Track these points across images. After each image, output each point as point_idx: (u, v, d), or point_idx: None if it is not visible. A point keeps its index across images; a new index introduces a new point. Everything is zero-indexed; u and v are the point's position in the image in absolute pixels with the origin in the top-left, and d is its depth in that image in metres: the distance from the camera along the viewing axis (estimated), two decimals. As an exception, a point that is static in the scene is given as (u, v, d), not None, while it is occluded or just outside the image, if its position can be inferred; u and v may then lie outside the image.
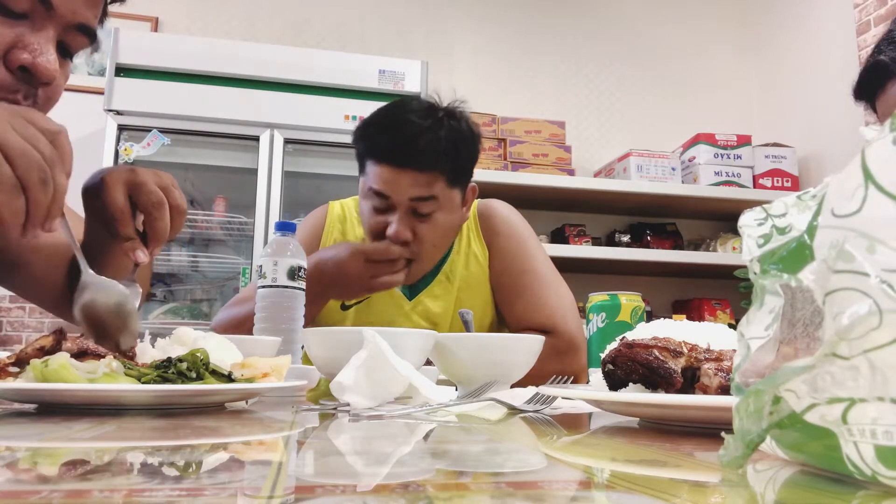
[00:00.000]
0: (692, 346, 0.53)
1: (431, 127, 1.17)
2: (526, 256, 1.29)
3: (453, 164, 1.18)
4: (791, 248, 0.32)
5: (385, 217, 1.18)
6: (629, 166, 2.98)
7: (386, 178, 1.16)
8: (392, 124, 1.18)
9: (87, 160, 2.76)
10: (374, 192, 1.18)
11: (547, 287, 1.27)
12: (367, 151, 1.20)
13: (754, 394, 0.28)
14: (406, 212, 1.17)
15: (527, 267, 1.28)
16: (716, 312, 3.12)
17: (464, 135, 1.21)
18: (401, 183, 1.16)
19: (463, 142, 1.20)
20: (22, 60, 0.68)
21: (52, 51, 0.70)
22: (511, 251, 1.30)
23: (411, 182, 1.16)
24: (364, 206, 1.23)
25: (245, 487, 0.29)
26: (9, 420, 0.51)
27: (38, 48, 0.69)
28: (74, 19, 0.72)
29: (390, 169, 1.16)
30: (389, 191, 1.17)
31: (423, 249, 1.20)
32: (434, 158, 1.16)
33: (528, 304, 1.26)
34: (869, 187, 0.26)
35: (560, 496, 0.28)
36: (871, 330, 0.24)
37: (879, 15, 2.73)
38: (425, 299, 1.29)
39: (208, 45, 2.70)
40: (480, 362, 0.82)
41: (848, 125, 2.86)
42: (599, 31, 3.53)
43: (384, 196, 1.17)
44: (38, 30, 0.70)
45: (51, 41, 0.71)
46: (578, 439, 0.49)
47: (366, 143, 1.21)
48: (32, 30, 0.69)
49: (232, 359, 0.68)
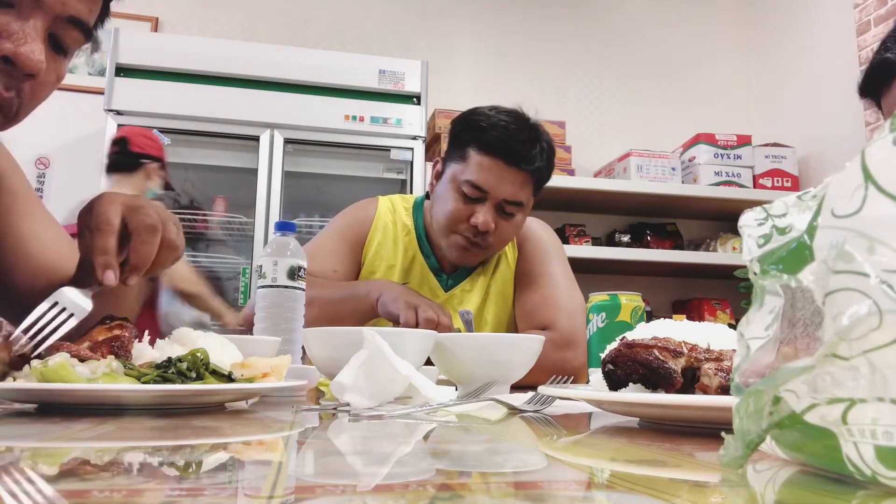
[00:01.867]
0: (692, 346, 0.53)
1: (537, 136, 1.27)
2: (547, 261, 1.38)
3: (545, 174, 1.30)
4: (791, 248, 0.32)
5: (472, 206, 1.25)
6: (629, 166, 2.98)
7: (491, 172, 1.23)
8: (507, 123, 1.24)
9: (87, 160, 2.77)
10: (472, 183, 1.23)
11: (558, 289, 1.34)
12: (477, 141, 1.24)
13: (754, 394, 0.28)
14: (494, 207, 1.25)
15: (545, 270, 1.36)
16: (716, 312, 3.12)
17: (553, 149, 1.31)
18: (504, 180, 1.23)
19: (553, 155, 1.31)
20: (4, 50, 0.64)
21: (38, 42, 0.66)
22: (536, 256, 1.39)
23: (512, 181, 1.24)
24: (450, 193, 1.27)
25: (245, 487, 0.29)
26: (9, 420, 0.51)
27: (22, 37, 0.65)
28: (65, 11, 0.68)
29: (498, 164, 1.23)
30: (489, 186, 1.23)
31: (496, 244, 1.30)
32: (537, 165, 1.25)
33: (537, 301, 1.32)
34: (869, 187, 0.26)
35: (560, 496, 0.28)
36: (871, 330, 0.24)
37: (879, 15, 2.73)
38: (459, 293, 1.37)
39: (208, 45, 2.70)
40: (480, 362, 0.82)
41: (848, 125, 2.86)
42: (599, 31, 3.53)
43: (483, 190, 1.23)
44: (25, 19, 0.66)
45: (39, 32, 0.67)
46: (578, 439, 0.49)
47: (478, 132, 1.25)
48: (18, 19, 0.65)
49: (232, 359, 0.68)
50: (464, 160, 1.26)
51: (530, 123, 1.28)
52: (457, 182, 1.26)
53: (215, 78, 2.63)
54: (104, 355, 0.62)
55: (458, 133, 1.30)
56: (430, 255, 1.38)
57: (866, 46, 2.78)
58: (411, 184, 2.72)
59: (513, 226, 1.29)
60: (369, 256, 1.37)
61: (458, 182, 1.25)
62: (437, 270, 1.37)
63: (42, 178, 2.88)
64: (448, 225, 1.28)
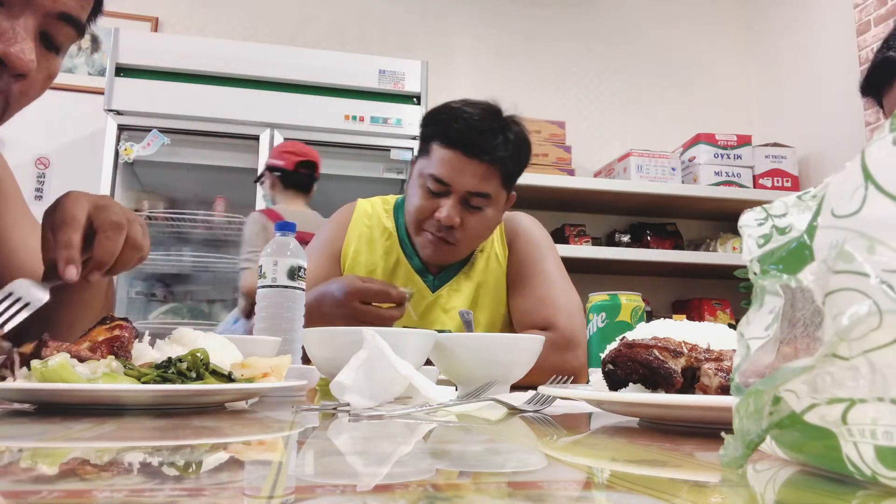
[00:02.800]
0: (692, 346, 0.53)
1: (501, 127, 1.25)
2: (540, 259, 1.36)
3: (511, 166, 1.26)
4: (791, 248, 0.32)
5: (437, 200, 1.24)
6: (629, 166, 2.98)
7: (451, 165, 1.22)
8: (467, 115, 1.24)
9: (87, 160, 2.77)
10: (434, 177, 1.23)
11: (555, 288, 1.32)
12: (437, 135, 1.25)
13: (754, 394, 0.28)
14: (459, 200, 1.23)
15: (539, 268, 1.34)
16: (716, 312, 3.12)
17: (524, 141, 1.29)
18: (464, 172, 1.22)
19: (522, 148, 1.28)
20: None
21: (28, 41, 0.65)
22: (528, 254, 1.37)
23: (473, 173, 1.22)
24: (416, 189, 1.27)
25: (245, 487, 0.29)
26: (9, 420, 0.51)
27: (13, 37, 0.64)
28: (55, 7, 0.67)
29: (458, 156, 1.22)
30: (451, 178, 1.22)
31: (466, 239, 1.27)
32: (499, 156, 1.23)
33: (534, 301, 1.31)
34: (869, 187, 0.26)
35: (560, 496, 0.28)
36: (871, 330, 0.24)
37: (879, 15, 2.73)
38: (446, 293, 1.35)
39: (208, 45, 2.70)
40: (480, 362, 0.82)
41: (848, 125, 2.86)
42: (600, 31, 3.53)
43: (444, 182, 1.22)
44: (15, 17, 0.64)
45: (29, 31, 0.65)
46: (578, 439, 0.49)
47: (439, 127, 1.26)
48: (8, 18, 0.64)
49: (232, 359, 0.68)
50: (428, 155, 1.26)
51: (497, 115, 1.26)
52: (422, 177, 1.25)
53: (215, 78, 2.64)
54: (104, 355, 0.62)
55: (424, 129, 1.30)
56: (414, 256, 1.35)
57: (866, 46, 2.78)
58: (411, 184, 2.72)
59: (483, 220, 1.26)
60: (348, 264, 1.36)
61: (423, 177, 1.25)
62: (422, 271, 1.35)
63: (42, 178, 2.88)
64: (415, 221, 1.27)
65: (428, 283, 1.35)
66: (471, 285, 1.35)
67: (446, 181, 1.22)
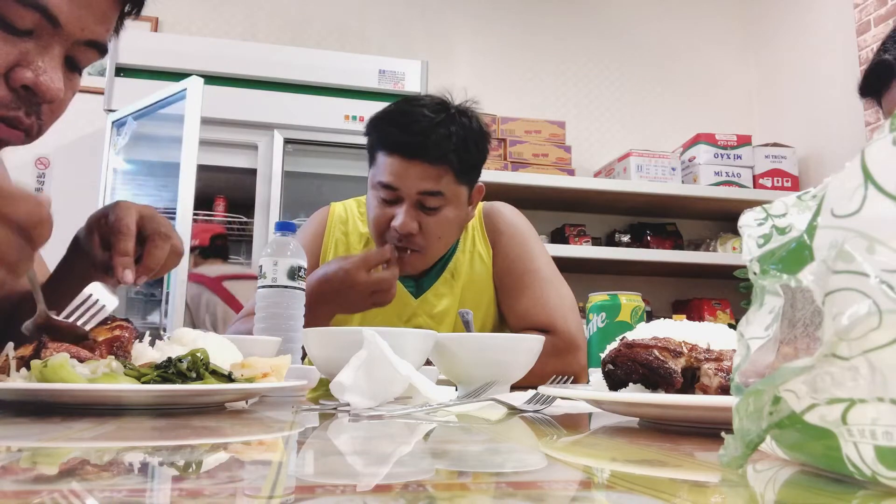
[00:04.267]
0: (692, 346, 0.53)
1: (443, 122, 1.19)
2: (528, 257, 1.32)
3: (462, 160, 1.19)
4: (791, 248, 0.32)
5: (392, 209, 1.19)
6: (629, 166, 2.98)
7: (395, 170, 1.18)
8: (404, 117, 1.20)
9: (87, 160, 2.77)
10: (383, 184, 1.19)
11: (548, 287, 1.30)
12: (378, 142, 1.23)
13: (754, 394, 0.28)
14: (413, 205, 1.19)
15: (529, 267, 1.30)
16: (716, 312, 3.12)
17: (474, 132, 1.22)
18: (409, 175, 1.17)
19: (473, 139, 1.22)
20: (25, 80, 0.66)
21: (57, 69, 0.68)
22: (514, 251, 1.32)
23: (420, 175, 1.17)
24: (371, 200, 1.24)
25: (245, 487, 0.29)
26: (9, 420, 0.51)
27: (42, 66, 0.67)
28: (83, 36, 0.69)
29: (400, 161, 1.18)
30: (398, 183, 1.18)
31: (429, 243, 1.21)
32: (443, 152, 1.17)
33: (529, 302, 1.28)
34: (869, 187, 0.26)
35: (560, 496, 0.28)
36: (871, 330, 0.24)
37: (879, 15, 2.73)
38: (431, 297, 1.31)
39: (208, 45, 2.70)
40: (480, 362, 0.82)
41: (848, 125, 2.86)
42: (600, 30, 3.53)
43: (392, 188, 1.18)
44: (44, 47, 0.67)
45: (57, 59, 0.68)
46: (578, 439, 0.49)
47: (377, 134, 1.23)
48: (37, 47, 0.67)
49: (232, 359, 0.68)
50: (374, 162, 1.24)
51: (442, 110, 1.21)
52: (374, 188, 1.22)
53: (215, 78, 2.63)
54: (104, 355, 0.62)
55: (368, 136, 1.27)
56: None
57: (866, 46, 2.78)
58: (411, 184, 2.72)
59: (443, 221, 1.20)
60: None
61: (374, 187, 1.22)
62: (403, 277, 1.28)
63: (42, 178, 2.88)
64: (376, 235, 1.23)
65: (410, 289, 1.31)
66: (455, 287, 1.31)
67: (395, 186, 1.18)
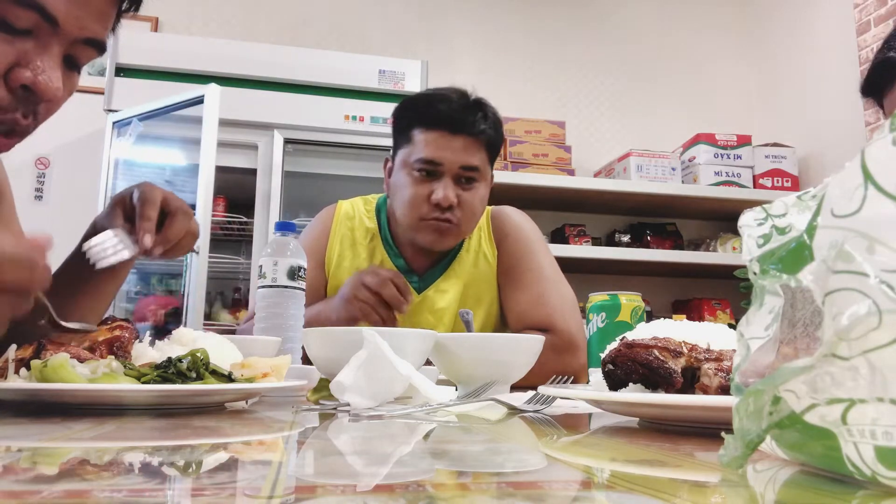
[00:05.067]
0: (692, 346, 0.53)
1: (474, 103, 1.29)
2: (531, 257, 1.34)
3: (491, 139, 1.29)
4: (790, 248, 0.32)
5: (430, 185, 1.24)
6: (629, 166, 2.98)
7: (438, 144, 1.24)
8: (440, 97, 1.28)
9: (86, 160, 2.77)
10: (425, 160, 1.24)
11: (549, 286, 1.31)
12: (417, 120, 1.27)
13: (754, 394, 0.28)
14: (452, 179, 1.24)
15: (531, 266, 1.32)
16: (716, 312, 3.12)
17: (498, 118, 1.32)
18: (452, 149, 1.24)
19: (499, 124, 1.32)
20: (23, 79, 0.66)
21: (56, 68, 0.68)
22: (518, 251, 1.35)
23: (461, 148, 1.24)
24: (405, 179, 1.27)
25: (245, 487, 0.29)
26: (9, 420, 0.51)
27: (41, 66, 0.66)
28: (82, 34, 0.69)
29: (442, 135, 1.24)
30: (441, 157, 1.23)
31: (465, 217, 1.26)
32: (481, 128, 1.26)
33: (530, 301, 1.29)
34: (868, 187, 0.26)
35: (560, 496, 0.28)
36: (871, 330, 0.24)
37: (879, 15, 2.73)
38: (433, 293, 1.33)
39: (208, 45, 2.70)
40: (480, 362, 0.82)
41: (848, 125, 2.86)
42: (599, 30, 3.53)
43: (435, 162, 1.23)
44: (43, 46, 0.66)
45: (55, 58, 0.68)
46: (578, 439, 0.49)
47: (416, 113, 1.28)
48: (36, 47, 0.66)
49: (232, 359, 0.68)
50: (410, 142, 1.27)
51: (468, 95, 1.30)
52: (409, 166, 1.26)
53: (215, 78, 2.63)
54: (104, 355, 0.62)
55: (400, 120, 1.32)
56: (399, 257, 1.35)
57: (866, 46, 2.78)
58: (411, 184, 2.72)
59: (476, 196, 1.27)
60: (332, 269, 1.35)
61: (410, 165, 1.25)
62: (406, 272, 1.32)
63: (42, 178, 2.88)
64: (411, 211, 1.25)
65: (413, 284, 1.32)
66: (458, 284, 1.33)
67: (438, 160, 1.23)
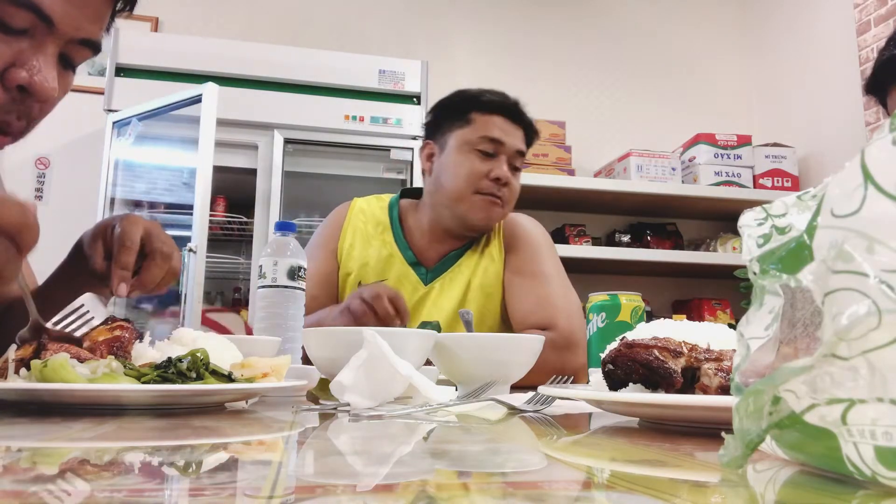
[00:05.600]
0: (692, 346, 0.53)
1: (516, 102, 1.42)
2: (539, 260, 1.39)
3: (531, 137, 1.43)
4: (790, 248, 0.32)
5: (488, 164, 1.35)
6: (629, 166, 2.98)
7: (502, 128, 1.37)
8: (495, 92, 1.42)
9: (87, 160, 2.77)
10: (490, 138, 1.36)
11: (555, 290, 1.34)
12: (479, 105, 1.39)
13: (754, 394, 0.28)
14: (507, 160, 1.36)
15: (537, 269, 1.37)
16: (716, 312, 3.12)
17: None
18: (511, 133, 1.37)
19: None
20: (20, 80, 0.66)
21: (52, 68, 0.68)
22: (526, 254, 1.40)
23: (517, 136, 1.38)
24: (461, 157, 1.37)
25: (245, 487, 0.29)
26: (9, 420, 0.51)
27: (37, 66, 0.66)
28: (77, 34, 0.69)
29: (503, 120, 1.37)
30: (504, 138, 1.36)
31: (511, 198, 1.39)
32: (528, 121, 1.41)
33: (533, 301, 1.32)
34: (868, 187, 0.26)
35: (560, 496, 0.28)
36: (871, 330, 0.24)
37: (880, 15, 2.73)
38: (439, 286, 1.38)
39: (208, 45, 2.70)
40: (480, 362, 0.82)
41: (848, 125, 2.86)
42: (600, 30, 3.53)
43: (499, 142, 1.35)
44: (38, 46, 0.67)
45: (51, 57, 0.68)
46: (578, 439, 0.49)
47: (477, 99, 1.39)
48: (31, 46, 0.66)
49: (232, 359, 0.68)
50: (469, 123, 1.36)
51: None
52: (470, 143, 1.35)
53: (215, 78, 2.63)
54: (104, 355, 0.62)
55: (454, 105, 1.41)
56: (408, 250, 1.41)
57: (866, 46, 2.78)
58: (411, 184, 2.72)
59: (518, 181, 1.40)
60: (343, 259, 1.41)
61: (472, 143, 1.35)
62: (415, 264, 1.39)
63: (42, 178, 2.88)
64: (468, 185, 1.34)
65: (421, 276, 1.39)
66: (463, 281, 1.38)
67: (501, 140, 1.35)
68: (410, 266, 1.39)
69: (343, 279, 1.40)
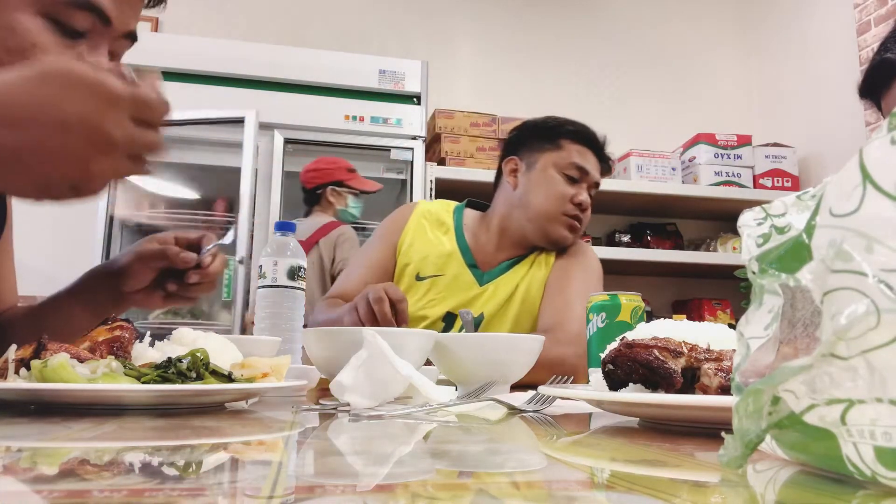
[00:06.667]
0: (692, 346, 0.53)
1: None
2: (578, 279, 1.45)
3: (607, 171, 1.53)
4: (789, 247, 0.32)
5: (575, 187, 1.45)
6: (629, 166, 2.98)
7: (588, 159, 1.47)
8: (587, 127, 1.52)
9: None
10: (578, 166, 1.46)
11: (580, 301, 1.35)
12: (571, 134, 1.49)
13: (754, 393, 0.28)
14: (587, 189, 1.47)
15: (574, 287, 1.42)
16: (716, 312, 3.12)
17: None
18: (594, 165, 1.48)
19: None
20: None
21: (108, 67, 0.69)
22: (569, 272, 1.47)
23: (597, 168, 1.49)
24: (551, 178, 1.46)
25: (245, 487, 0.29)
26: (9, 420, 0.51)
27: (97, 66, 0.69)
28: (125, 29, 0.72)
29: (590, 152, 1.48)
30: (590, 168, 1.46)
31: (586, 223, 1.49)
32: (608, 158, 1.53)
33: (556, 307, 1.38)
34: (867, 187, 0.26)
35: (560, 496, 0.28)
36: (869, 330, 0.24)
37: (879, 15, 2.73)
38: (492, 287, 1.45)
39: (208, 45, 2.70)
40: (480, 362, 0.82)
41: (848, 125, 2.86)
42: (600, 30, 3.53)
43: (583, 171, 1.45)
44: (94, 46, 0.69)
45: (105, 55, 0.70)
46: (578, 439, 0.49)
47: (571, 127, 1.49)
48: (90, 48, 0.68)
49: (232, 359, 0.68)
50: (560, 149, 1.46)
51: None
52: (559, 167, 1.45)
53: (215, 78, 2.63)
54: (104, 355, 0.62)
55: (546, 128, 1.51)
56: (468, 252, 1.48)
57: (866, 46, 2.78)
58: (411, 184, 2.72)
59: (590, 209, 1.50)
60: (403, 249, 1.49)
61: (561, 167, 1.45)
62: (472, 266, 1.47)
63: (42, 178, 2.88)
64: (556, 205, 1.43)
65: (476, 277, 1.47)
66: (512, 284, 1.46)
67: (588, 170, 1.45)
68: (468, 267, 1.47)
69: (401, 269, 1.48)
